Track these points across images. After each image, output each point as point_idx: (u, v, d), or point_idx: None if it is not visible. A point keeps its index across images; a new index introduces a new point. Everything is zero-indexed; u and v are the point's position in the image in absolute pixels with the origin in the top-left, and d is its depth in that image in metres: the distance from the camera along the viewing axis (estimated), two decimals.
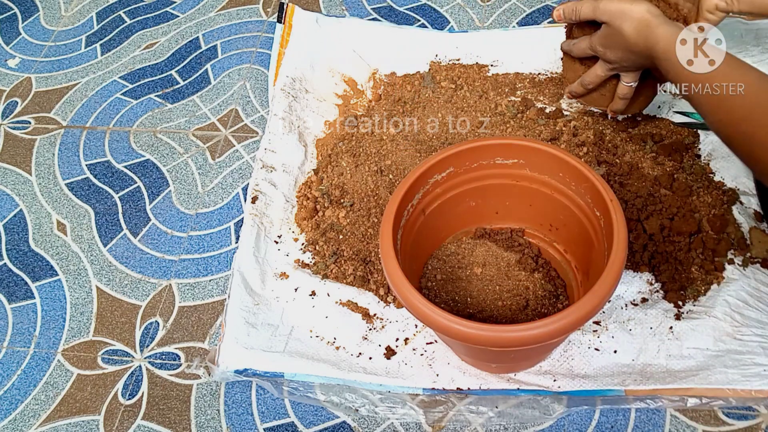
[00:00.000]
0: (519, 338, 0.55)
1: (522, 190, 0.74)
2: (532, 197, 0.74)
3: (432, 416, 0.71)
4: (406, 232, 0.70)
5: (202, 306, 0.84)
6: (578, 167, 0.66)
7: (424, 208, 0.72)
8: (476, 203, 0.76)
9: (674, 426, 0.69)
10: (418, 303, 0.58)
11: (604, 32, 0.71)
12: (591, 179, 0.65)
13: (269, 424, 0.74)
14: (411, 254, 0.72)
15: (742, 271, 0.74)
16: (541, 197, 0.73)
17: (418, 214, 0.72)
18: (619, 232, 0.60)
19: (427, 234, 0.75)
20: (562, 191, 0.71)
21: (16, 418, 0.78)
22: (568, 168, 0.68)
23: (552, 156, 0.69)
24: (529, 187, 0.74)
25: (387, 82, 1.01)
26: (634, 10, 0.67)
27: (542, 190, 0.73)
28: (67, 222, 0.94)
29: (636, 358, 0.69)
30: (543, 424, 0.70)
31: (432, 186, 0.71)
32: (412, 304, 0.59)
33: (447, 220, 0.76)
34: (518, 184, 0.74)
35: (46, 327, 0.85)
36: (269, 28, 1.14)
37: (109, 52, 1.15)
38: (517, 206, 0.77)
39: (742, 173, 0.81)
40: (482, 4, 1.11)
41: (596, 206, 0.66)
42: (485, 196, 0.76)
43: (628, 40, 0.68)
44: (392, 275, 0.61)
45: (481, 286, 0.73)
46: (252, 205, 0.86)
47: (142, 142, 1.02)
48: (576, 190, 0.69)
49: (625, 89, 0.78)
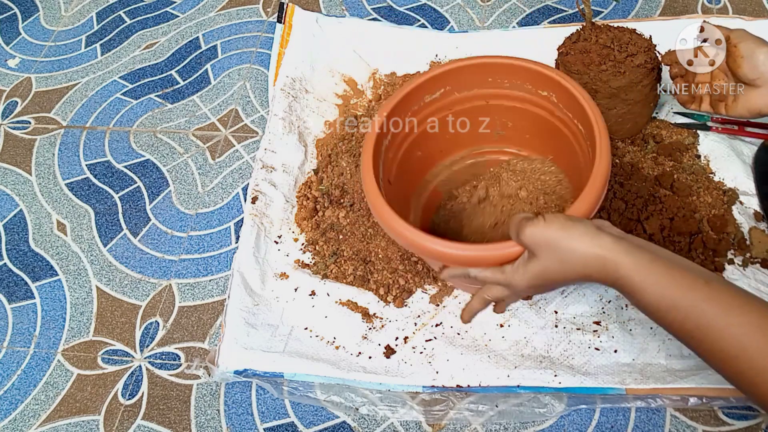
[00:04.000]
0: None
1: (458, 114, 0.74)
2: (470, 116, 0.74)
3: (432, 416, 0.71)
4: (388, 162, 0.70)
5: (202, 306, 0.84)
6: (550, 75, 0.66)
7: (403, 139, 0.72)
8: (421, 152, 0.75)
9: (674, 426, 0.69)
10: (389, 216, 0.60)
11: (535, 270, 0.55)
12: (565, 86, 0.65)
13: (269, 424, 0.74)
14: (398, 180, 0.72)
15: (742, 271, 0.74)
16: (480, 111, 0.73)
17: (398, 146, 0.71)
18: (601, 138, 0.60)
19: (411, 167, 0.74)
20: (502, 95, 0.71)
21: (16, 418, 0.78)
22: (539, 77, 0.68)
23: (478, 66, 0.68)
24: (464, 108, 0.73)
25: (387, 82, 1.01)
26: (577, 243, 0.52)
27: (478, 104, 0.73)
28: (67, 222, 0.94)
29: (636, 357, 0.69)
30: (543, 424, 0.70)
31: (384, 154, 0.70)
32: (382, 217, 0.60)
33: (429, 150, 0.76)
34: (491, 104, 0.73)
35: (46, 327, 0.85)
36: (269, 28, 1.14)
37: (109, 52, 1.15)
38: (458, 134, 0.76)
39: (742, 173, 0.81)
40: (482, 4, 1.11)
41: (575, 115, 0.66)
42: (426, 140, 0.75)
43: (569, 279, 0.54)
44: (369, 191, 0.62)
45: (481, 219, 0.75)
46: (252, 205, 0.86)
47: (142, 142, 1.02)
48: (516, 86, 0.69)
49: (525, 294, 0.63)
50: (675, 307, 0.49)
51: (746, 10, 1.03)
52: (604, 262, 0.51)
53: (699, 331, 0.49)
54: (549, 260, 0.53)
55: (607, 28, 0.80)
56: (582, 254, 0.52)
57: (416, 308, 0.77)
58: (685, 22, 0.93)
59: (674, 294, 0.49)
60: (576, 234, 0.52)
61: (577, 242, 0.52)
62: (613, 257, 0.51)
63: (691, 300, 0.49)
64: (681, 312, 0.49)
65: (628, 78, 0.77)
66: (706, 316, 0.48)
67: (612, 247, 0.51)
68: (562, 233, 0.52)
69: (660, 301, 0.50)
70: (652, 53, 0.79)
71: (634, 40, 0.78)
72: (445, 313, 0.76)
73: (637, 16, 1.05)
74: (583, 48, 0.79)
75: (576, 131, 0.67)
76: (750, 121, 0.85)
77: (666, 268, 0.50)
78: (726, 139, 0.84)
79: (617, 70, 0.77)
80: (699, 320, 0.48)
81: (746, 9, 1.03)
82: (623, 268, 0.51)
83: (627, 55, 0.77)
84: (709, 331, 0.48)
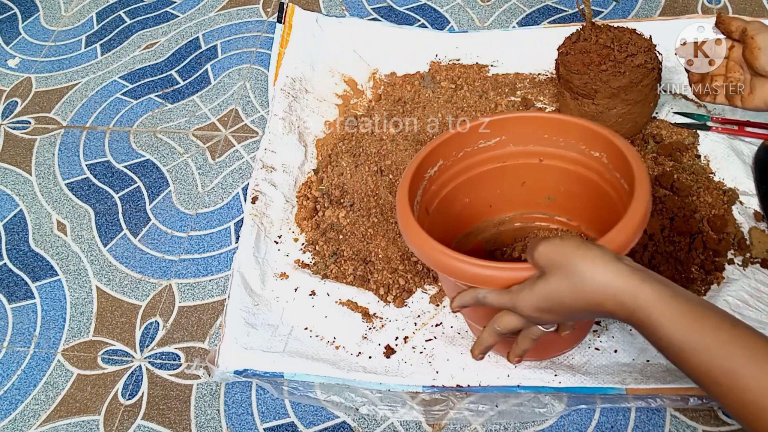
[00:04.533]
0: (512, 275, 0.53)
1: (511, 170, 0.71)
2: (523, 174, 0.71)
3: (432, 415, 0.71)
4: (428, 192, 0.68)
5: (202, 306, 0.84)
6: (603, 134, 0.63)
7: (426, 206, 0.69)
8: (469, 199, 0.73)
9: (674, 426, 0.69)
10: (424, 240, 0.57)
11: (543, 291, 0.51)
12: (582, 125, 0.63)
13: (269, 424, 0.74)
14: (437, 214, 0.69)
15: (742, 272, 0.74)
16: (533, 170, 0.70)
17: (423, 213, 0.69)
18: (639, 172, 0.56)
19: (455, 210, 0.72)
20: (556, 155, 0.68)
21: (16, 418, 0.78)
22: (592, 136, 0.65)
23: (535, 120, 0.66)
24: (518, 164, 0.70)
25: (387, 82, 1.01)
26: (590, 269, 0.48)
27: (532, 162, 0.70)
28: (67, 222, 0.94)
29: (636, 357, 0.69)
30: (543, 424, 0.70)
31: (428, 182, 0.68)
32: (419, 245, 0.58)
33: (477, 200, 0.73)
34: (506, 164, 0.70)
35: (46, 327, 0.85)
36: (269, 28, 1.14)
37: (109, 52, 1.15)
38: (509, 190, 0.73)
39: (742, 173, 0.81)
40: (482, 4, 1.11)
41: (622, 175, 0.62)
42: (475, 188, 0.72)
43: (580, 305, 0.50)
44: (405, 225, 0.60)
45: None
46: (252, 205, 0.86)
47: (142, 142, 1.02)
48: (570, 146, 0.67)
49: (539, 332, 0.57)
50: (698, 346, 0.44)
51: (746, 10, 1.03)
52: (619, 290, 0.47)
53: (727, 378, 0.43)
54: (558, 281, 0.49)
55: (607, 28, 0.80)
56: (594, 279, 0.47)
57: (416, 308, 0.77)
58: (685, 22, 0.93)
59: (698, 332, 0.44)
60: (591, 257, 0.48)
61: (590, 265, 0.48)
62: (630, 286, 0.46)
63: (719, 341, 0.44)
64: (706, 354, 0.44)
65: (628, 78, 0.77)
66: (734, 360, 0.43)
67: (629, 275, 0.47)
68: (576, 253, 0.48)
69: (681, 339, 0.45)
70: (652, 53, 0.79)
71: (634, 40, 0.78)
72: (445, 313, 0.76)
73: (637, 16, 1.05)
74: (583, 48, 0.79)
75: (622, 193, 0.63)
76: (750, 121, 0.85)
77: (688, 304, 0.45)
78: (726, 139, 0.84)
79: (617, 70, 0.77)
80: (726, 365, 0.43)
81: (746, 9, 1.03)
82: (641, 298, 0.46)
83: (627, 55, 0.77)
84: (740, 378, 0.43)
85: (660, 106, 0.89)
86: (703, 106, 0.89)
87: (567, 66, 0.80)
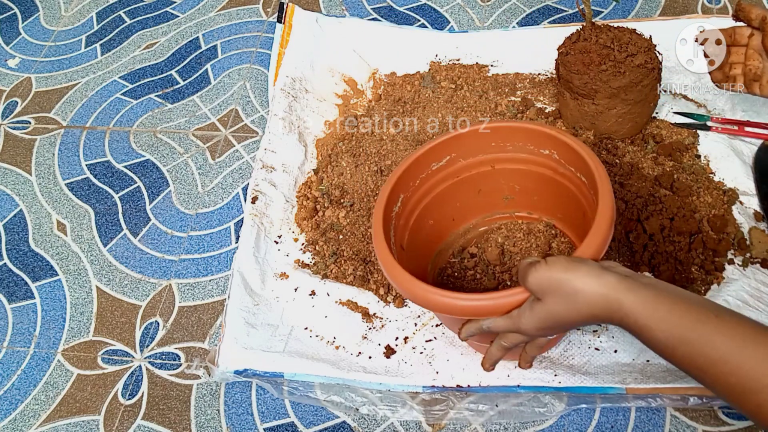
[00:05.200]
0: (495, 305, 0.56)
1: (466, 182, 0.74)
2: (478, 182, 0.74)
3: (432, 415, 0.71)
4: (399, 229, 0.70)
5: (202, 306, 0.84)
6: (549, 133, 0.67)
7: (412, 209, 0.72)
8: (433, 219, 0.75)
9: (674, 426, 0.69)
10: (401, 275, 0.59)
11: (541, 314, 0.54)
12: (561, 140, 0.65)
13: (269, 424, 0.74)
14: (411, 246, 0.71)
15: (742, 271, 0.74)
16: (487, 176, 0.73)
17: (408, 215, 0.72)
18: (602, 183, 0.59)
19: (424, 235, 0.74)
20: (507, 158, 0.71)
21: (16, 418, 0.78)
22: (538, 137, 0.68)
23: (477, 133, 0.69)
24: (471, 175, 0.74)
25: (387, 82, 1.01)
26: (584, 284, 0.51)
27: (485, 170, 0.73)
28: (67, 222, 0.94)
29: (636, 357, 0.69)
30: (543, 424, 0.70)
31: (395, 220, 0.69)
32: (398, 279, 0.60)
33: (441, 218, 0.76)
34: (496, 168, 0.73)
35: (46, 327, 0.85)
36: (269, 28, 1.14)
37: (109, 52, 1.15)
38: (467, 200, 0.77)
39: (742, 173, 0.81)
40: (482, 4, 1.11)
41: (577, 168, 0.66)
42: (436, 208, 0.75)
43: (577, 320, 0.53)
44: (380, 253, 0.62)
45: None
46: (252, 205, 0.86)
47: (142, 142, 1.02)
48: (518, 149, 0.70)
49: (544, 341, 0.63)
50: (684, 341, 0.47)
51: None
52: (609, 301, 0.50)
53: (713, 366, 0.46)
54: (554, 303, 0.52)
55: (607, 28, 0.80)
56: (586, 294, 0.51)
57: (416, 308, 0.77)
58: (685, 22, 0.93)
59: (682, 328, 0.47)
60: (579, 275, 0.51)
61: (580, 282, 0.51)
62: (617, 295, 0.50)
63: (701, 333, 0.46)
64: (690, 346, 0.47)
65: (628, 78, 0.77)
66: (718, 349, 0.46)
67: (615, 285, 0.50)
68: (565, 275, 0.51)
69: (668, 337, 0.48)
70: (652, 53, 0.79)
71: (634, 40, 0.78)
72: None
73: (637, 16, 1.05)
74: (583, 48, 0.79)
75: (580, 184, 0.67)
76: (750, 122, 0.85)
77: (672, 303, 0.48)
78: (726, 139, 0.84)
79: (617, 70, 0.77)
80: (711, 354, 0.46)
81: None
82: (627, 306, 0.49)
83: (627, 55, 0.77)
84: (724, 365, 0.45)
85: (660, 106, 0.89)
86: (703, 106, 0.89)
87: (567, 66, 0.80)
